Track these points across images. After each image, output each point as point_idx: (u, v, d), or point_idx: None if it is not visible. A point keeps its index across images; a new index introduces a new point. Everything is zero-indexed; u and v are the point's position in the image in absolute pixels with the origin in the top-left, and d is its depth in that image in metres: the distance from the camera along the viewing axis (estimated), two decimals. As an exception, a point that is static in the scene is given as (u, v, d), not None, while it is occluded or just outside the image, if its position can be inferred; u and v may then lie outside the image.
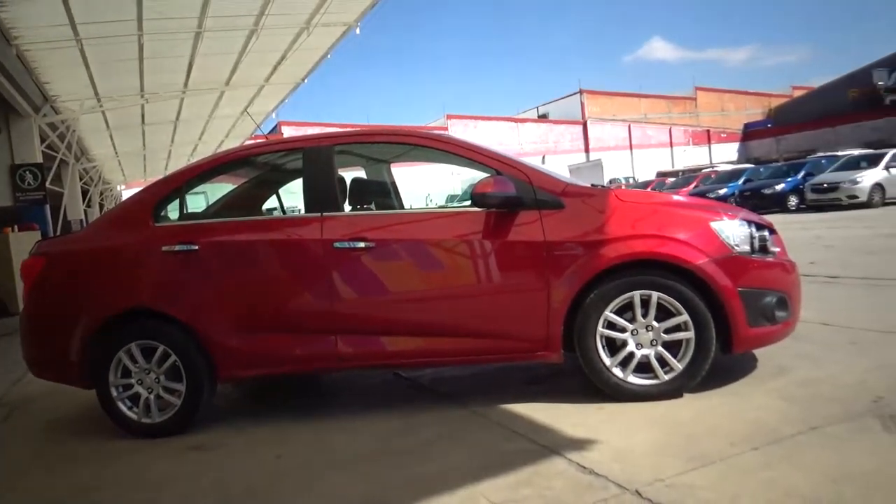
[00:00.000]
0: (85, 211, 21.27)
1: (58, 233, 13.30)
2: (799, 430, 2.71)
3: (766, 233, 3.47)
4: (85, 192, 22.84)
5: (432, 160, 4.09)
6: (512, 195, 3.35)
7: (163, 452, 3.38)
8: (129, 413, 3.61)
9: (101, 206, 28.11)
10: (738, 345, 3.30)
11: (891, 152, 17.62)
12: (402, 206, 4.53)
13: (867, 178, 16.56)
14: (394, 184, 4.61)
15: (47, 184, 12.60)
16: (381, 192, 4.47)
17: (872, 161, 17.46)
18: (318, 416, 3.74)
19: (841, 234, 10.88)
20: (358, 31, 11.36)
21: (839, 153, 22.19)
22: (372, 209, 4.17)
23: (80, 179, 21.00)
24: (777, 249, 3.53)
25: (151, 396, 3.59)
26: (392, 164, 4.78)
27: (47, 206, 12.72)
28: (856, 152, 21.12)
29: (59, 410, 4.44)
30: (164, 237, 3.70)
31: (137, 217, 3.82)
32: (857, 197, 16.34)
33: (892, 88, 39.05)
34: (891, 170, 16.74)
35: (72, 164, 16.45)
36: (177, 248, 3.64)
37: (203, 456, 3.29)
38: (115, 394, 3.60)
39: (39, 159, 12.62)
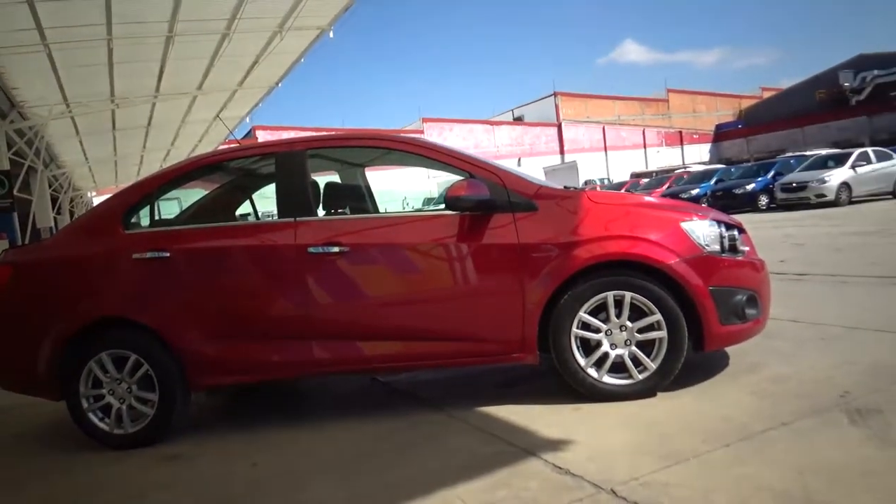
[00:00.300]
0: (55, 218, 20.85)
1: (26, 241, 13.03)
2: (769, 426, 2.77)
3: (735, 232, 3.54)
4: (54, 200, 22.39)
5: (406, 164, 4.09)
6: (485, 198, 3.37)
7: (136, 464, 3.33)
8: (100, 424, 3.55)
9: (72, 213, 27.60)
10: (710, 343, 3.36)
11: (857, 152, 18.08)
12: (376, 210, 4.52)
13: (834, 178, 16.94)
14: (368, 187, 4.60)
15: (15, 191, 12.34)
16: (354, 197, 4.46)
17: (839, 160, 17.89)
18: (295, 423, 3.72)
19: (810, 232, 11.11)
20: (331, 34, 11.32)
21: (807, 153, 22.69)
22: (346, 213, 4.16)
23: (50, 186, 20.58)
24: (746, 248, 3.59)
25: (123, 407, 3.53)
26: (369, 168, 4.77)
27: (15, 214, 12.45)
28: (823, 152, 21.63)
29: (30, 422, 4.35)
30: (135, 244, 3.65)
31: (107, 224, 3.77)
32: (824, 196, 16.71)
33: (857, 90, 40.04)
34: (857, 169, 17.16)
35: (40, 171, 16.11)
36: (148, 255, 3.59)
37: (178, 466, 3.25)
38: (85, 405, 3.54)
39: (7, 166, 12.36)
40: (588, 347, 3.35)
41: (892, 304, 4.85)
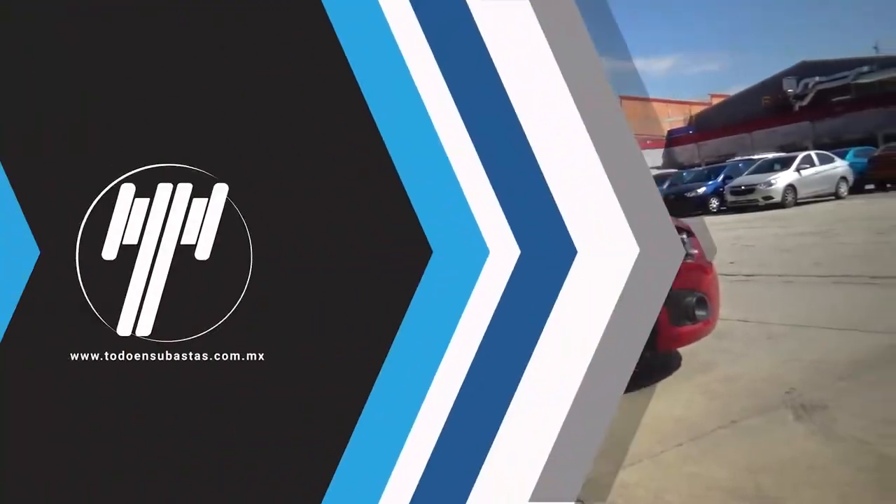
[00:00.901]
0: None
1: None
2: (720, 425, 2.83)
3: (683, 236, 3.62)
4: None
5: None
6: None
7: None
8: None
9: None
10: (662, 344, 3.41)
11: (801, 155, 18.80)
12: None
13: (780, 180, 17.56)
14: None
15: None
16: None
17: (785, 164, 18.55)
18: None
19: (758, 233, 11.46)
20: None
21: (755, 157, 23.42)
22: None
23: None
24: (695, 251, 3.67)
25: None
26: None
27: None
28: (770, 156, 22.35)
29: None
30: None
31: None
32: (772, 198, 17.31)
33: (800, 95, 41.50)
34: (801, 171, 17.83)
35: None
36: None
37: None
38: None
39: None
40: (544, 352, 3.37)
41: (834, 302, 5.04)
